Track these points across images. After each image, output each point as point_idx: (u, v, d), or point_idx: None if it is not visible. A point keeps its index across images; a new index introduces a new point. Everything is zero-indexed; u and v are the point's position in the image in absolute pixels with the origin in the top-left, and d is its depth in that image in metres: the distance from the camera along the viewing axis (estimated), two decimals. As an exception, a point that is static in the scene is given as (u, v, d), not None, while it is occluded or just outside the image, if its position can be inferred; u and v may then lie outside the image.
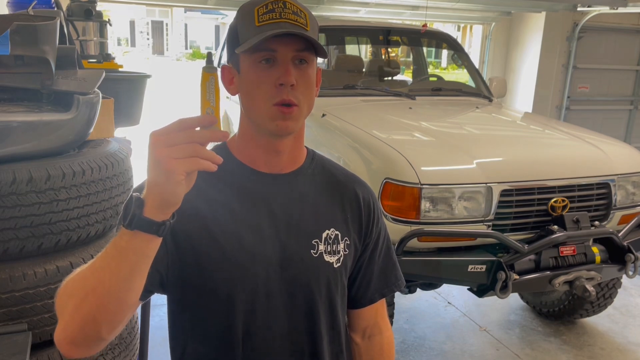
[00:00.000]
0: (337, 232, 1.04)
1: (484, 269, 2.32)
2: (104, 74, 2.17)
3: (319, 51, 0.94)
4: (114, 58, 3.67)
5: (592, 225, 2.49)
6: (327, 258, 1.02)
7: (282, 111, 0.92)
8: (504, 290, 2.30)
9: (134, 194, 0.76)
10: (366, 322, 1.18)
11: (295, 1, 0.94)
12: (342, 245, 1.05)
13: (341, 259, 1.05)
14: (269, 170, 1.02)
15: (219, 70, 0.99)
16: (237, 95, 1.01)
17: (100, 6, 3.89)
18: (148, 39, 33.78)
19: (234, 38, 0.96)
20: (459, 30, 23.24)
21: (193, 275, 0.96)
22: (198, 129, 0.75)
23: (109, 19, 3.65)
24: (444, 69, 23.62)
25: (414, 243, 2.30)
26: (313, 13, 1.00)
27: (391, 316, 2.59)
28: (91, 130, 2.11)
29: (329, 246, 1.03)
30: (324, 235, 1.03)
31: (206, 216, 0.96)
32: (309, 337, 1.03)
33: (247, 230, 0.97)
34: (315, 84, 0.99)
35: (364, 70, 4.11)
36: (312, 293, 1.02)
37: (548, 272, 2.40)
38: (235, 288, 0.96)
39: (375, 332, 1.19)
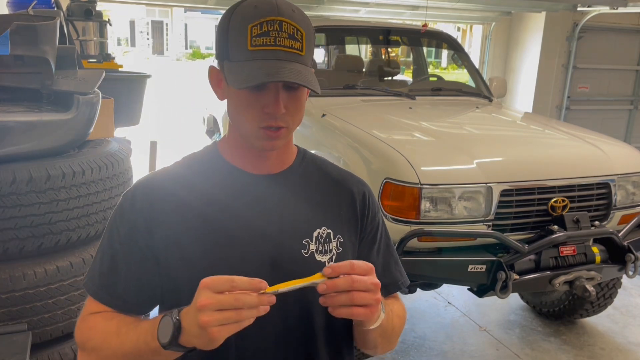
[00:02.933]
0: (328, 231, 1.03)
1: (484, 269, 2.32)
2: (104, 74, 2.17)
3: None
4: (114, 58, 3.67)
5: (592, 225, 2.49)
6: (318, 257, 1.01)
7: (268, 135, 0.93)
8: (504, 290, 2.30)
9: (174, 318, 0.83)
10: None
11: (293, 18, 0.89)
12: (334, 244, 1.03)
13: (334, 257, 1.03)
14: (258, 172, 1.02)
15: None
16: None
17: (100, 6, 3.89)
18: (148, 39, 33.75)
19: (223, 47, 0.93)
20: (459, 30, 23.23)
21: (185, 286, 0.95)
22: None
23: (109, 19, 3.65)
24: (444, 69, 23.63)
25: (414, 243, 2.30)
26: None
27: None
28: (91, 130, 2.11)
29: (320, 245, 1.01)
30: (315, 234, 1.02)
31: (197, 219, 0.96)
32: (303, 338, 1.02)
33: (238, 231, 0.97)
34: (304, 103, 0.97)
35: (364, 70, 4.10)
36: (304, 294, 0.99)
37: (548, 272, 2.40)
38: None
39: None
